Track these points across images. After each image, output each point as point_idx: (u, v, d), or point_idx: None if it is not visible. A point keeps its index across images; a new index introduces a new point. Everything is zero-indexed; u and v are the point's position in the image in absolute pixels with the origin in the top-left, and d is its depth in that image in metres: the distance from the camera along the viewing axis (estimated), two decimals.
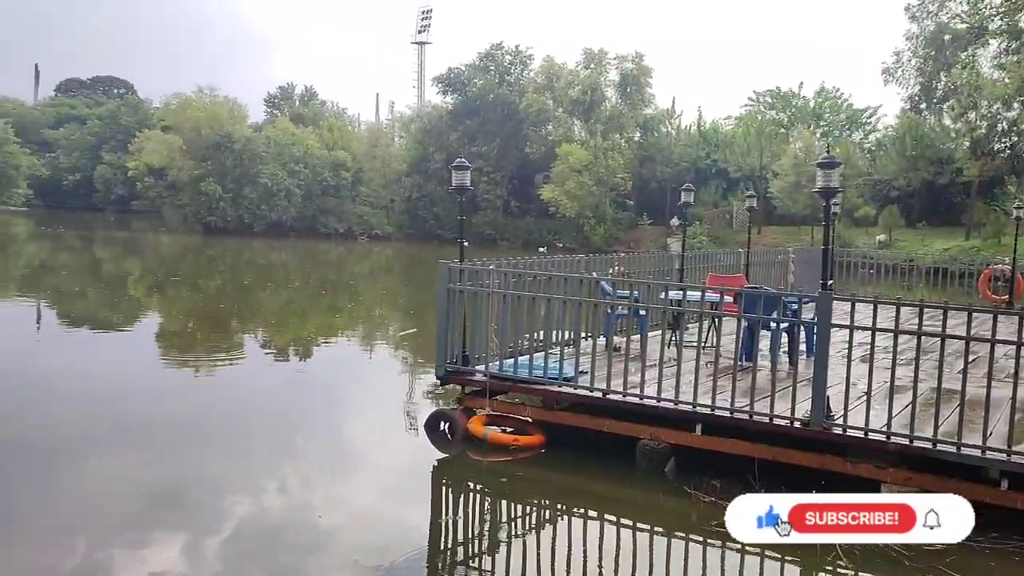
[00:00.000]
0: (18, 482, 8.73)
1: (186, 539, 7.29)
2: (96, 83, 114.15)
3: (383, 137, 72.95)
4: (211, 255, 45.14)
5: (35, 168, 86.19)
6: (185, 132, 60.58)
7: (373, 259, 49.00)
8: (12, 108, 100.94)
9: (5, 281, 30.13)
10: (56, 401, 12.35)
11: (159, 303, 26.13)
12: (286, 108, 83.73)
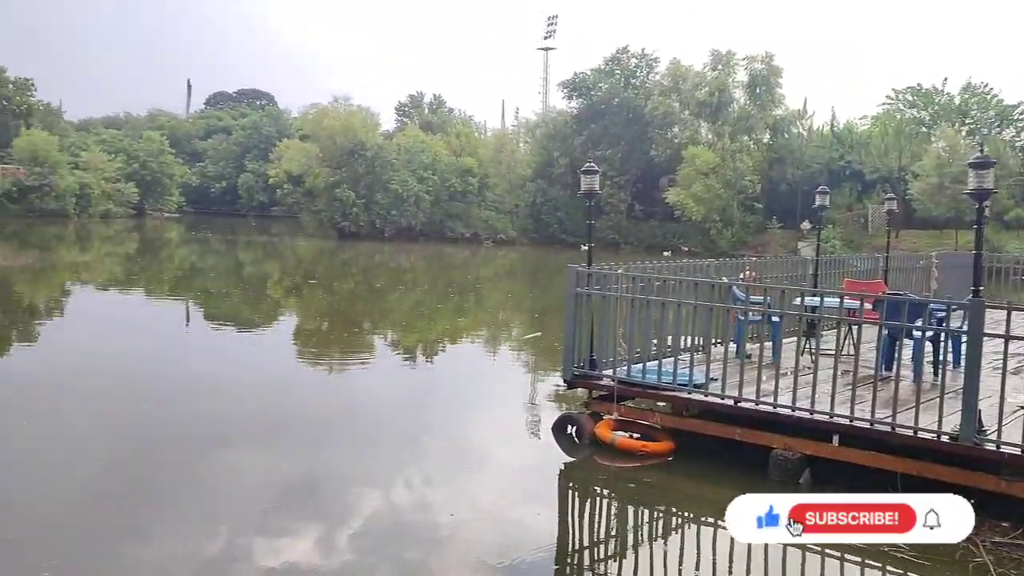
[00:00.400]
0: (165, 471, 9.32)
1: (319, 531, 7.58)
2: (241, 96, 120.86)
3: (508, 143, 73.76)
4: (344, 258, 46.83)
5: (186, 176, 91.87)
6: (321, 140, 63.11)
7: (497, 263, 49.61)
8: (167, 121, 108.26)
9: (159, 282, 32.26)
10: (201, 395, 13.12)
11: (296, 304, 27.31)
12: (416, 116, 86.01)
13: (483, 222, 65.98)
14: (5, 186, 65.49)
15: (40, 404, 12.11)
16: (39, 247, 46.12)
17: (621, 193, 62.65)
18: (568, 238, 60.07)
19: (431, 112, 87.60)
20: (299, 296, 29.22)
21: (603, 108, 64.49)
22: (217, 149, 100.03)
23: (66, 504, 8.13)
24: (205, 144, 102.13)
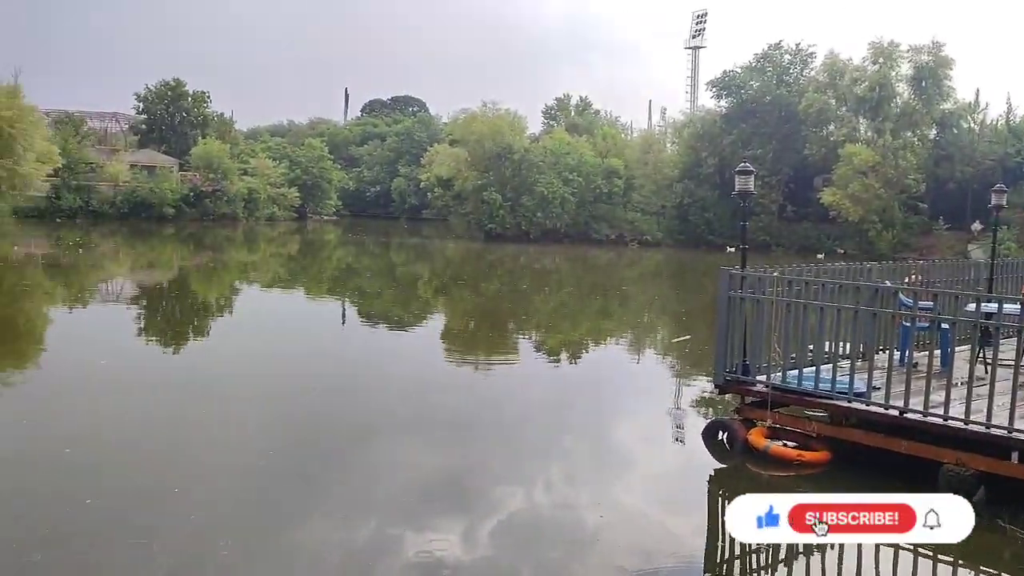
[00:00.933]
0: (322, 461, 9.76)
1: (463, 526, 7.70)
2: (395, 103, 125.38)
3: (655, 143, 72.79)
4: (491, 260, 47.64)
5: (344, 181, 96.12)
6: (470, 145, 64.47)
7: (643, 264, 49.07)
8: (327, 128, 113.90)
9: (318, 282, 33.91)
10: (356, 391, 13.69)
11: (444, 304, 28.00)
12: (562, 119, 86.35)
13: (628, 223, 65.44)
14: (184, 191, 70.65)
15: (211, 394, 12.98)
16: (212, 248, 49.49)
17: (772, 193, 60.56)
18: (715, 239, 58.59)
19: (577, 114, 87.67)
20: (447, 296, 29.94)
21: (753, 106, 62.54)
22: (372, 155, 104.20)
23: (234, 488, 8.67)
24: (361, 150, 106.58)
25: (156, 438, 10.31)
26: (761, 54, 64.71)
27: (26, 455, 9.41)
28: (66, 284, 28.98)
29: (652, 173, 67.41)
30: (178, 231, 60.18)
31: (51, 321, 21.06)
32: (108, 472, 8.96)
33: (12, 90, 44.42)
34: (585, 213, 65.16)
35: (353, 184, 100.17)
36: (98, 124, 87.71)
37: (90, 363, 14.94)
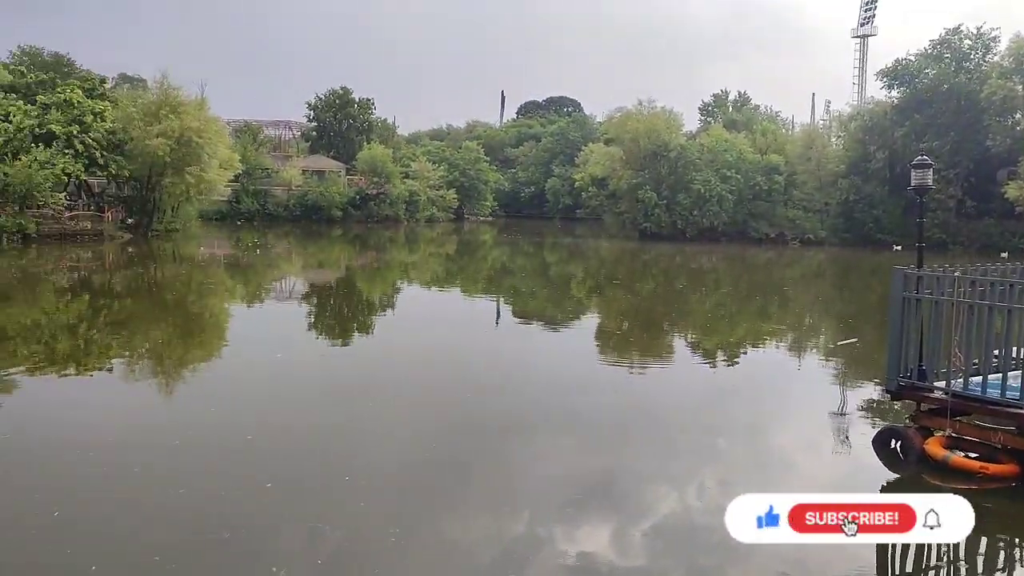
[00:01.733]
0: (477, 456, 10.00)
1: (615, 527, 7.68)
2: (550, 103, 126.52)
3: (818, 138, 69.60)
4: (645, 259, 47.15)
5: (499, 182, 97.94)
6: (625, 143, 64.02)
7: (804, 264, 47.08)
8: (483, 131, 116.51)
9: (474, 281, 34.74)
10: (510, 388, 13.91)
11: (598, 304, 27.96)
12: (719, 115, 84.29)
13: (789, 221, 62.96)
14: (350, 195, 74.15)
15: (374, 388, 13.58)
16: (376, 249, 51.70)
17: (950, 188, 56.40)
18: (884, 238, 55.37)
19: (735, 110, 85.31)
20: (601, 296, 29.89)
21: (928, 96, 58.51)
22: (527, 155, 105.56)
23: (398, 478, 9.05)
24: (516, 151, 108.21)
25: (326, 429, 10.92)
26: (938, 40, 60.45)
27: (214, 441, 10.20)
28: (245, 282, 31.11)
29: (815, 169, 64.52)
30: (345, 232, 63.21)
31: (232, 316, 22.68)
32: (284, 459, 9.56)
33: (199, 103, 48.06)
34: (743, 211, 63.26)
35: (508, 185, 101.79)
36: (273, 132, 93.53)
37: (267, 356, 15.99)
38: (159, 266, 35.97)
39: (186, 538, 7.25)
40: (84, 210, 47.92)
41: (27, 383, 13.48)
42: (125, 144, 46.53)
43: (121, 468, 8.89)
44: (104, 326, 20.09)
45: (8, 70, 54.21)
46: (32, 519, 7.48)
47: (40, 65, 65.75)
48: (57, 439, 10.10)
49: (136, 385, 13.77)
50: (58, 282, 28.09)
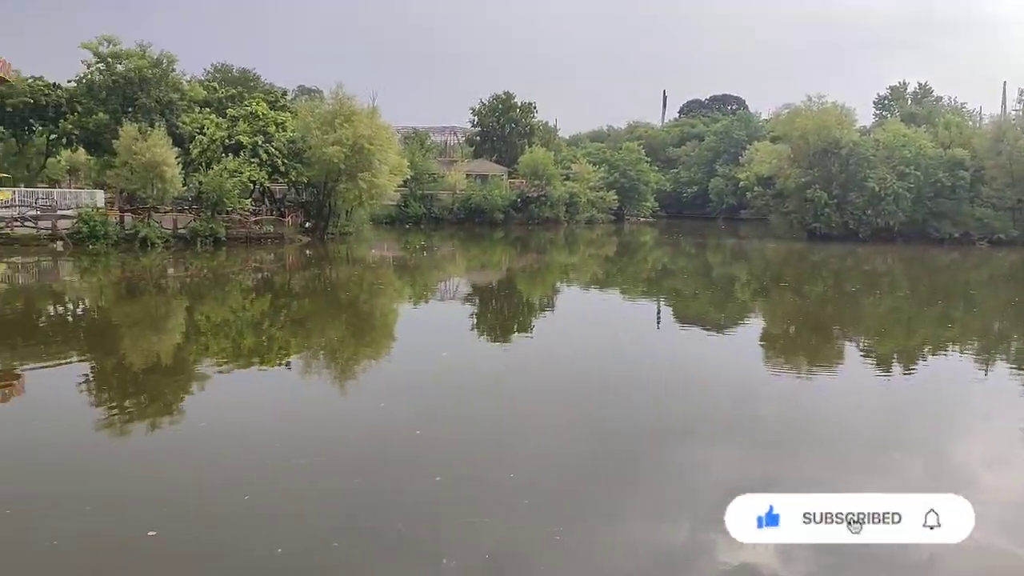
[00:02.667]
0: (633, 459, 10.01)
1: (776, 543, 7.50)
2: (713, 102, 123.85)
3: (1010, 130, 64.14)
4: (814, 261, 45.23)
5: (660, 183, 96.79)
6: (793, 141, 61.65)
7: (993, 265, 43.60)
8: (644, 132, 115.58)
9: (634, 283, 34.56)
10: (668, 391, 13.82)
11: (763, 306, 27.14)
12: (896, 108, 79.49)
13: (976, 220, 58.46)
14: (512, 197, 75.53)
15: (536, 387, 13.86)
16: (536, 250, 52.42)
17: None
18: None
19: (915, 103, 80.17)
20: (766, 299, 28.98)
21: None
22: (689, 155, 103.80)
23: (560, 478, 9.23)
24: (678, 151, 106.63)
25: (490, 426, 11.29)
26: None
27: (384, 435, 10.78)
28: (412, 283, 32.42)
29: (1007, 164, 59.53)
30: (506, 234, 64.47)
31: (400, 316, 23.73)
32: (451, 454, 9.96)
33: (371, 112, 50.43)
34: (923, 210, 59.34)
35: (670, 185, 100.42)
36: (439, 138, 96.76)
37: (433, 355, 16.66)
38: (334, 267, 38.09)
39: (361, 526, 7.73)
40: (267, 215, 51.39)
41: (217, 377, 14.71)
42: (304, 152, 49.53)
43: (301, 458, 9.57)
44: (284, 324, 21.54)
45: (203, 87, 58.95)
46: (224, 503, 8.20)
47: (230, 80, 71.16)
48: (245, 430, 10.97)
49: (313, 380, 14.72)
50: (244, 282, 30.34)
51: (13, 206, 42.19)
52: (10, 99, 56.03)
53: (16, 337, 18.62)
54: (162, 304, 24.41)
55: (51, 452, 9.95)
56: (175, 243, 41.53)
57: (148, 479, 8.96)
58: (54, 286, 28.58)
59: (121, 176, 43.27)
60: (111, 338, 19.04)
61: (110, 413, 12.05)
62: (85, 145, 55.58)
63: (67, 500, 8.20)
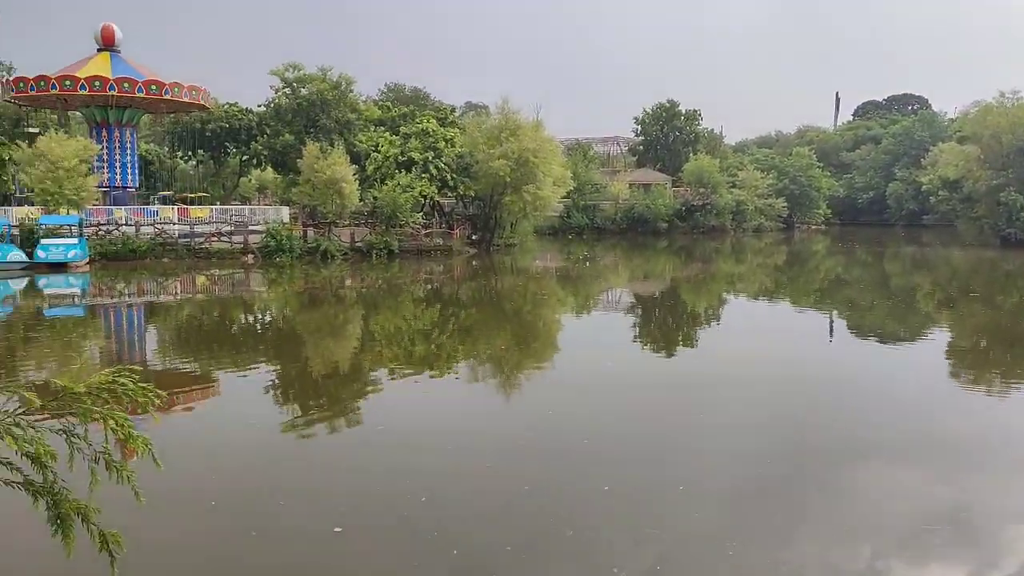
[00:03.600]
0: (807, 476, 9.65)
1: (967, 568, 7.04)
2: (891, 102, 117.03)
3: None
4: (1008, 270, 41.78)
5: (833, 189, 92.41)
6: (984, 141, 57.21)
7: None
8: (816, 136, 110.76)
9: (805, 293, 33.20)
10: (844, 407, 13.19)
11: (948, 318, 25.36)
12: None
13: None
14: (676, 206, 74.53)
15: (702, 400, 13.64)
16: (701, 260, 51.42)
17: None
18: None
19: None
20: (953, 311, 27.06)
21: None
22: (864, 159, 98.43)
23: (733, 491, 9.07)
24: (852, 155, 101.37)
25: (658, 438, 11.26)
26: None
27: (551, 442, 10.98)
28: (575, 293, 32.66)
29: None
30: (670, 244, 63.64)
31: (563, 326, 23.98)
32: (619, 464, 9.99)
33: (535, 125, 51.31)
34: None
35: (843, 191, 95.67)
36: (601, 148, 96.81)
37: (598, 365, 16.76)
38: (499, 278, 39.00)
39: (533, 532, 7.93)
40: (437, 228, 53.29)
41: (390, 383, 15.47)
42: (471, 166, 51.05)
43: (473, 463, 9.92)
44: (453, 332, 22.30)
45: (378, 106, 62.06)
46: (403, 504, 8.63)
47: (402, 99, 74.40)
48: (419, 435, 11.45)
49: (480, 388, 15.18)
50: (415, 292, 31.62)
51: (211, 222, 46.00)
52: (209, 124, 61.25)
53: (212, 344, 20.33)
54: (340, 313, 25.89)
55: (245, 450, 10.83)
56: (352, 255, 43.91)
57: (332, 478, 9.58)
58: (245, 296, 30.92)
59: (304, 193, 46.32)
60: (295, 345, 20.41)
61: (295, 415, 12.94)
62: (273, 165, 59.89)
63: (262, 494, 8.90)
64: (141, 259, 39.96)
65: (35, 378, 15.04)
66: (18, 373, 15.75)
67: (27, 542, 6.53)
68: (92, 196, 41.85)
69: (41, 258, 36.00)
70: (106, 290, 31.36)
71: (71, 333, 21.72)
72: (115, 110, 49.14)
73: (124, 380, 4.79)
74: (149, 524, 7.30)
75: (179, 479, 7.82)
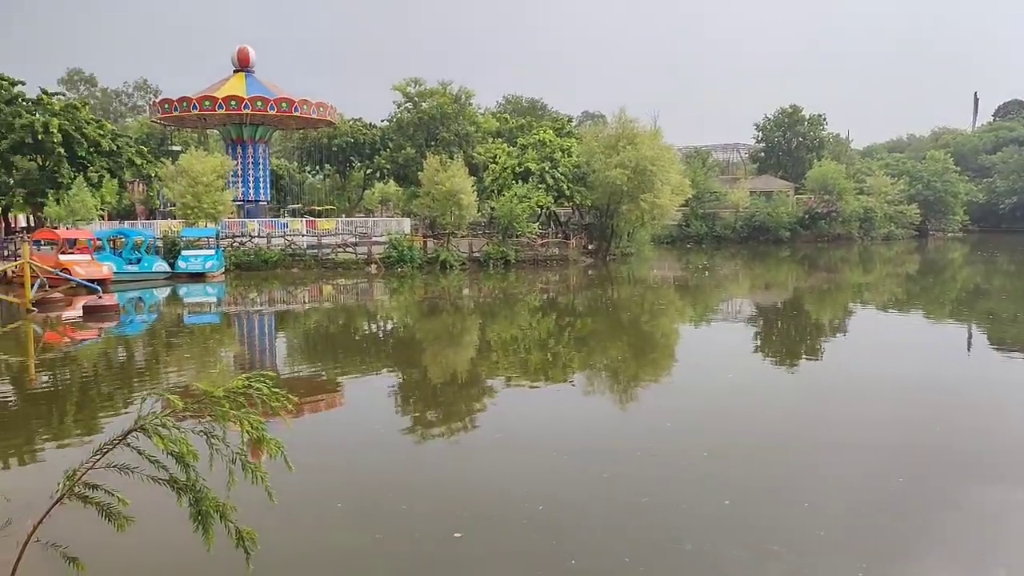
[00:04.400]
0: (942, 502, 9.15)
1: None
2: None
3: None
4: None
5: (971, 194, 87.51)
6: None
7: None
8: (951, 138, 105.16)
9: (939, 304, 31.49)
10: (984, 427, 12.43)
11: None
12: None
13: None
14: (799, 214, 72.26)
15: (828, 415, 13.16)
16: (826, 269, 49.58)
17: None
18: None
19: None
20: None
21: None
22: (1007, 162, 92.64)
23: (856, 511, 8.73)
24: (993, 158, 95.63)
25: (780, 451, 10.93)
26: None
27: (671, 453, 10.84)
28: (693, 303, 32.11)
29: None
30: (793, 252, 61.71)
31: (681, 336, 23.62)
32: (741, 478, 9.73)
33: (653, 133, 50.92)
34: None
35: (983, 196, 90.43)
36: (721, 156, 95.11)
37: (718, 376, 16.44)
38: (615, 287, 38.76)
39: (651, 544, 7.84)
40: (553, 237, 53.54)
41: (507, 390, 15.64)
42: (588, 176, 51.08)
43: (590, 473, 9.90)
44: (568, 342, 22.33)
45: (496, 118, 62.96)
46: (522, 511, 8.71)
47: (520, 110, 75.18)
48: (537, 442, 11.51)
49: (597, 398, 15.15)
50: (531, 302, 31.83)
51: (337, 234, 47.78)
52: (336, 139, 63.63)
53: (338, 350, 21.09)
54: (458, 321, 26.36)
55: (369, 454, 11.18)
56: (470, 265, 44.68)
57: (452, 483, 9.77)
58: (368, 305, 31.92)
59: (424, 204, 47.51)
60: (415, 352, 20.92)
61: (416, 421, 13.27)
62: (395, 177, 61.74)
63: (386, 497, 9.17)
64: (272, 269, 41.93)
65: (176, 381, 16.01)
66: (161, 376, 16.81)
67: (168, 536, 6.95)
68: (228, 209, 44.30)
69: (182, 268, 38.32)
70: (240, 298, 33.05)
71: (208, 339, 23.00)
72: (249, 127, 51.86)
73: (259, 385, 5.08)
74: (280, 524, 7.66)
75: (307, 480, 8.16)
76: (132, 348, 21.53)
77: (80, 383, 16.40)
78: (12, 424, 12.96)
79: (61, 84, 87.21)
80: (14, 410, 14.11)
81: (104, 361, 19.32)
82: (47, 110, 47.65)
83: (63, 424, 13.03)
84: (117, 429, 4.82)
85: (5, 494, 8.16)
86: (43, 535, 5.59)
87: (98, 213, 44.93)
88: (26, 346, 21.73)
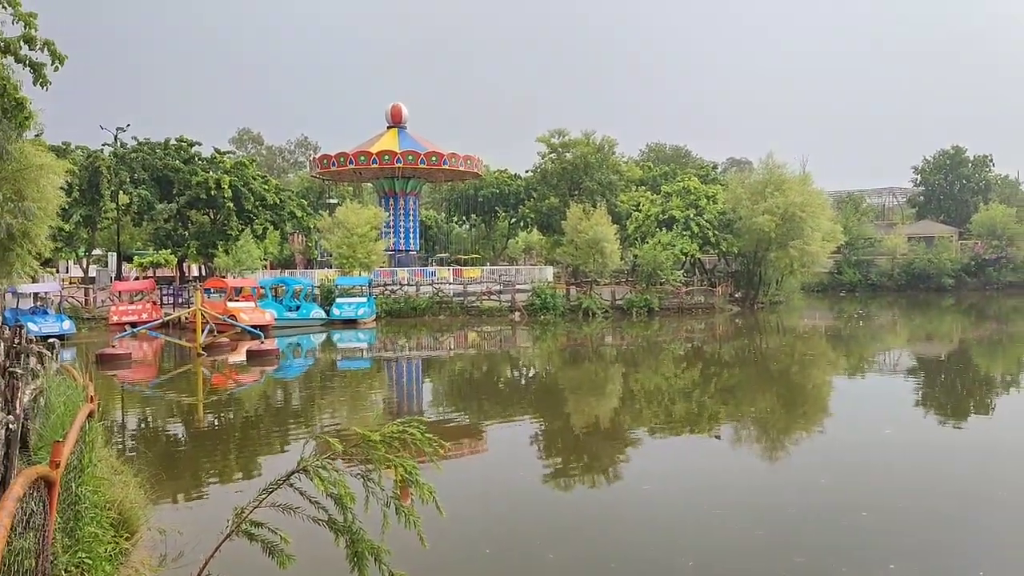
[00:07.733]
0: None
1: None
2: None
3: None
4: None
5: None
6: None
7: None
8: None
9: None
10: None
11: None
12: None
13: None
14: (964, 260, 67.90)
15: (995, 482, 12.19)
16: (996, 319, 46.19)
17: None
18: None
19: None
20: None
21: None
22: None
23: None
24: None
25: (943, 514, 10.23)
26: None
27: (826, 512, 10.33)
28: (847, 354, 30.62)
29: None
30: (958, 301, 57.95)
31: (834, 388, 22.55)
32: (903, 540, 9.17)
33: (802, 178, 49.45)
34: None
35: None
36: (875, 200, 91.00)
37: (875, 430, 15.58)
38: (763, 337, 37.55)
39: None
40: (698, 285, 52.64)
41: (651, 441, 15.41)
42: (734, 223, 50.08)
43: (741, 530, 9.59)
44: (714, 392, 21.79)
45: (639, 166, 63.03)
46: (671, 562, 8.56)
47: (663, 158, 75.00)
48: (687, 496, 11.25)
49: (745, 451, 14.67)
50: (675, 351, 31.31)
51: (482, 282, 48.88)
52: (482, 190, 65.50)
53: (482, 396, 21.46)
54: (601, 370, 26.26)
55: (514, 500, 11.28)
56: (612, 313, 44.54)
57: (599, 532, 9.70)
58: (512, 352, 32.35)
59: (567, 253, 47.94)
60: (558, 399, 20.99)
61: (559, 469, 13.29)
62: (538, 226, 62.64)
63: (533, 545, 9.21)
64: (420, 316, 43.31)
65: (330, 424, 16.75)
66: (315, 419, 17.64)
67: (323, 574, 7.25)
68: (380, 259, 46.28)
69: (336, 315, 40.21)
70: (389, 344, 34.27)
71: (360, 384, 23.95)
72: (401, 180, 54.28)
73: (413, 430, 5.31)
74: (430, 569, 7.85)
75: (456, 525, 8.34)
76: (289, 391, 22.72)
77: (242, 424, 17.44)
78: (182, 462, 13.93)
79: (231, 143, 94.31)
80: (184, 449, 15.17)
81: (264, 403, 20.48)
82: (219, 167, 51.60)
83: (227, 463, 13.88)
84: (276, 469, 5.14)
85: (178, 528, 8.77)
86: (212, 568, 5.99)
87: (262, 263, 47.99)
88: (195, 388, 23.34)
